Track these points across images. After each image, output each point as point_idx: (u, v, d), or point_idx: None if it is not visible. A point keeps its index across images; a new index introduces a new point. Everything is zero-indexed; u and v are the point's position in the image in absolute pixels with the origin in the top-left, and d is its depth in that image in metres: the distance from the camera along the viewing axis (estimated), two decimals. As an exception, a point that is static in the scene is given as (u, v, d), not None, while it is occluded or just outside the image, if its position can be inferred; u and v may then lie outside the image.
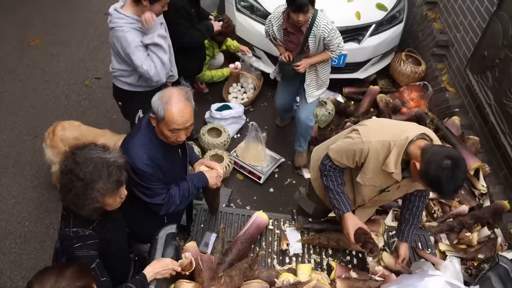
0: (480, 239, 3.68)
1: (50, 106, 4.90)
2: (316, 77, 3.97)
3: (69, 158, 2.02)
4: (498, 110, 3.83)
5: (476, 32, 4.37)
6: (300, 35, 3.68)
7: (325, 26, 3.58)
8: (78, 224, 2.10)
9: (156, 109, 2.33)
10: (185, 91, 2.40)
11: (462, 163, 2.18)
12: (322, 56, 3.79)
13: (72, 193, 1.98)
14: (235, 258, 2.79)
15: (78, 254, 2.06)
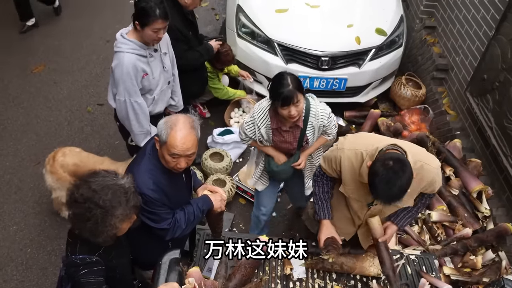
0: (485, 262, 3.65)
1: (53, 133, 4.92)
2: (310, 165, 3.44)
3: (84, 187, 2.01)
4: (499, 133, 3.85)
5: (475, 55, 4.43)
6: (296, 131, 3.07)
7: (323, 112, 3.04)
8: (85, 250, 2.10)
9: (160, 132, 2.34)
10: (192, 119, 2.40)
11: (405, 170, 2.20)
12: (319, 142, 3.26)
13: (91, 221, 1.99)
14: (238, 283, 2.76)
15: (84, 281, 2.05)
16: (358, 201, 2.74)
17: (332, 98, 5.04)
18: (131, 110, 3.22)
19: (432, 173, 2.49)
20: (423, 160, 2.46)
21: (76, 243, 2.11)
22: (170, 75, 3.44)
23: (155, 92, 3.35)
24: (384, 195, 2.27)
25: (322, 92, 4.92)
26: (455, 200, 3.91)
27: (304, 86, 4.73)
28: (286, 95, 2.73)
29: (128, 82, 3.11)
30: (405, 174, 2.20)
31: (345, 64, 4.80)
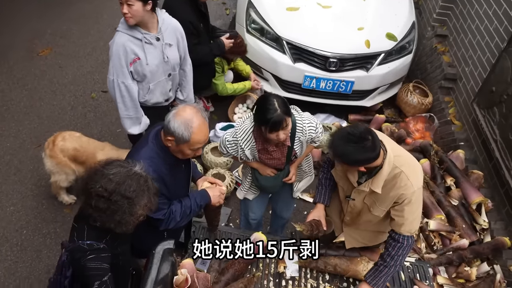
0: (479, 275, 3.63)
1: (56, 117, 4.92)
2: (300, 172, 3.28)
3: (104, 179, 2.01)
4: (503, 146, 3.82)
5: (485, 67, 4.39)
6: (284, 148, 2.93)
7: (311, 127, 2.87)
8: (92, 237, 2.10)
9: (179, 135, 2.34)
10: (199, 109, 2.43)
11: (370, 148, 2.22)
12: (307, 150, 3.11)
13: (118, 213, 2.01)
14: (231, 278, 2.75)
15: (90, 266, 2.05)
16: (342, 190, 2.77)
17: (338, 100, 5.02)
18: (118, 90, 3.20)
19: (407, 188, 2.41)
20: (404, 169, 2.42)
21: (83, 228, 2.11)
22: (171, 67, 3.38)
23: (151, 81, 3.31)
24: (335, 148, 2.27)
25: (328, 94, 4.90)
26: (454, 210, 3.89)
27: (310, 87, 4.77)
28: (275, 120, 2.57)
29: (116, 61, 3.10)
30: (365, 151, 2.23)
31: (353, 67, 4.77)
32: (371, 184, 2.47)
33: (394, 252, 2.56)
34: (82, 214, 2.13)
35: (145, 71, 3.22)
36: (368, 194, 2.56)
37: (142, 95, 3.35)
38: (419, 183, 2.48)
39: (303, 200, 4.43)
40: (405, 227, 2.51)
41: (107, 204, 1.99)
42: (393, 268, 2.61)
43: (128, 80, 3.18)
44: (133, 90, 3.24)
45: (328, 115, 5.30)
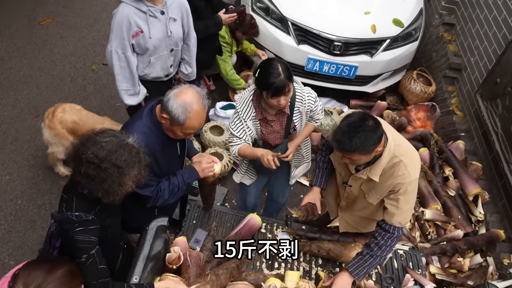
0: (472, 266, 3.64)
1: (55, 87, 4.87)
2: (298, 156, 3.25)
3: (96, 147, 1.99)
4: (504, 139, 3.79)
5: (490, 58, 4.34)
6: (283, 118, 2.88)
7: (310, 97, 2.85)
8: (81, 208, 2.07)
9: (175, 116, 2.31)
10: (202, 95, 2.39)
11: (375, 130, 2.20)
12: (307, 130, 3.06)
13: (107, 182, 1.98)
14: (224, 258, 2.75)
15: (78, 238, 2.03)
16: (340, 175, 2.75)
17: (340, 85, 4.97)
18: (117, 62, 3.15)
19: (404, 177, 2.39)
20: (403, 159, 2.39)
21: (72, 200, 2.08)
22: (174, 42, 3.32)
23: (152, 55, 3.25)
24: (341, 138, 2.22)
25: (330, 78, 4.85)
26: (450, 201, 3.88)
27: (313, 70, 4.72)
28: (277, 85, 2.55)
29: (118, 32, 3.05)
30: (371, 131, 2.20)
31: (357, 52, 4.71)
32: (369, 172, 2.45)
33: (382, 242, 2.53)
34: (71, 185, 2.11)
35: (148, 44, 3.16)
36: (365, 181, 2.54)
37: (142, 68, 3.30)
38: (416, 173, 2.45)
39: (300, 184, 4.42)
40: (397, 217, 2.49)
41: (96, 171, 1.96)
42: (378, 258, 2.56)
43: (128, 52, 3.13)
44: (133, 63, 3.19)
45: (330, 99, 5.25)
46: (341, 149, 2.28)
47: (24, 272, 1.76)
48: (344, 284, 2.59)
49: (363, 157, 2.30)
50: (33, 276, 1.74)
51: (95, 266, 2.05)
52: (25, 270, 1.78)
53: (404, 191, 2.43)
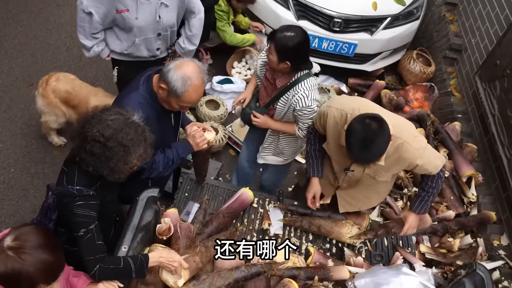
0: (462, 246, 3.66)
1: (50, 56, 4.81)
2: (275, 144, 3.24)
3: (101, 125, 1.98)
4: (500, 121, 3.78)
5: (491, 39, 4.29)
6: (274, 89, 2.93)
7: (303, 98, 2.76)
8: (83, 183, 2.06)
9: (173, 87, 2.29)
10: (202, 70, 2.38)
11: (382, 129, 2.19)
12: (286, 127, 3.03)
13: (113, 160, 1.98)
14: (214, 231, 2.76)
15: (78, 212, 2.02)
16: (338, 164, 2.74)
17: (339, 63, 4.93)
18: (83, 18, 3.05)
19: (412, 153, 2.40)
20: (405, 139, 2.38)
21: (73, 173, 2.07)
22: (163, 28, 3.21)
23: (137, 36, 3.17)
24: (360, 155, 2.27)
25: (329, 55, 4.81)
26: (444, 181, 3.87)
27: (312, 46, 4.65)
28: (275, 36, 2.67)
29: None
30: (381, 132, 2.19)
31: (357, 29, 4.66)
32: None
33: (434, 184, 2.65)
34: (73, 158, 2.09)
35: (132, 24, 3.09)
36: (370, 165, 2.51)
37: (126, 46, 3.24)
38: (421, 142, 2.48)
39: (295, 160, 4.40)
40: (433, 169, 2.54)
41: (102, 149, 1.96)
42: (433, 196, 2.74)
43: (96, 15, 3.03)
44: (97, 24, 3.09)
45: (328, 77, 5.22)
46: (359, 163, 2.45)
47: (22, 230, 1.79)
48: (415, 220, 2.83)
49: (383, 157, 2.33)
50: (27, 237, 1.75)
51: (93, 241, 2.04)
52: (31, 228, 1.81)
53: (421, 160, 2.45)
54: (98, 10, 3.01)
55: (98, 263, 2.02)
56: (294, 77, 2.81)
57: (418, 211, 2.79)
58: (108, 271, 2.05)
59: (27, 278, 1.72)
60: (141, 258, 2.14)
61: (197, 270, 2.40)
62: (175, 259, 2.21)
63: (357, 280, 2.68)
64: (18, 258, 1.70)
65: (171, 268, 2.22)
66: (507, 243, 3.63)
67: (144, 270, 2.13)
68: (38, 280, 1.75)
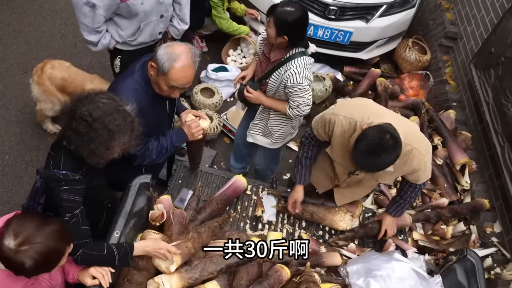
0: (455, 233, 3.69)
1: (44, 44, 4.79)
2: (265, 122, 3.25)
3: (92, 105, 1.97)
4: (494, 109, 3.78)
5: (487, 27, 4.28)
6: (268, 64, 2.97)
7: (294, 74, 2.78)
8: (69, 167, 2.05)
9: (160, 62, 2.28)
10: (193, 52, 2.35)
11: (395, 147, 2.17)
12: (278, 105, 3.04)
13: (94, 142, 1.96)
14: (207, 217, 2.78)
15: (63, 197, 2.02)
16: (341, 166, 2.71)
17: (334, 51, 4.91)
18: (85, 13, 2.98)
19: (420, 161, 2.41)
20: (414, 145, 2.37)
21: (59, 157, 2.06)
22: (165, 8, 3.22)
23: (142, 21, 3.16)
24: (362, 161, 2.25)
25: (324, 43, 4.78)
26: (437, 169, 3.89)
27: (307, 34, 4.61)
28: (275, 10, 2.69)
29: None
30: (392, 152, 2.17)
31: (352, 17, 4.63)
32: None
33: (413, 194, 2.71)
34: (60, 142, 2.09)
35: (138, 10, 3.06)
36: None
37: (129, 34, 3.22)
38: (428, 149, 2.49)
39: (289, 148, 4.42)
40: (422, 179, 2.56)
41: (87, 129, 1.95)
42: (411, 202, 2.80)
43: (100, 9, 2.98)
44: (100, 17, 3.04)
45: (323, 65, 5.20)
46: (362, 169, 2.37)
47: (17, 221, 1.78)
48: (392, 221, 2.92)
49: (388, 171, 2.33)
50: (24, 227, 1.75)
51: (78, 226, 2.05)
52: (19, 220, 1.79)
53: (424, 167, 2.46)
54: (102, 1, 2.96)
55: (82, 248, 2.03)
56: (289, 53, 2.83)
57: (394, 214, 2.88)
58: (91, 256, 2.06)
59: (53, 252, 1.78)
60: (125, 246, 2.15)
61: (190, 255, 2.41)
62: (161, 247, 2.22)
63: (349, 266, 2.72)
64: (33, 245, 1.72)
65: (158, 256, 2.24)
66: (500, 230, 3.66)
67: (128, 258, 2.15)
68: (60, 246, 1.81)
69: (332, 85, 4.83)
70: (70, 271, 2.13)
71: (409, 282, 2.56)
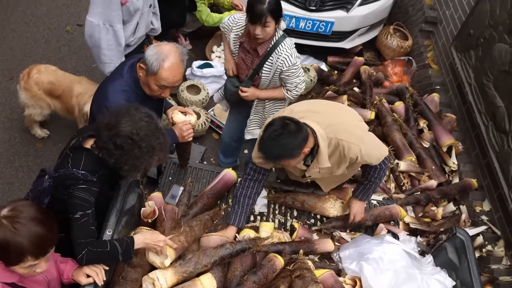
0: (445, 214, 3.75)
1: (29, 49, 4.77)
2: (261, 115, 3.28)
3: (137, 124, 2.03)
4: (477, 90, 3.84)
5: (465, 10, 4.34)
6: (256, 57, 2.96)
7: (287, 57, 2.86)
8: (88, 168, 2.11)
9: (149, 63, 2.32)
10: (181, 51, 2.40)
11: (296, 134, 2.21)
12: (275, 93, 3.09)
13: (139, 160, 2.05)
14: (199, 212, 2.80)
15: (78, 195, 2.06)
16: (292, 173, 2.81)
17: (317, 42, 4.95)
18: (104, 36, 2.98)
19: (355, 150, 2.42)
20: (340, 137, 2.40)
21: (80, 159, 2.12)
22: None
23: (137, 16, 3.14)
24: (265, 148, 2.29)
25: (307, 34, 4.82)
26: (424, 152, 3.95)
27: (289, 26, 4.67)
28: (256, 12, 2.65)
29: (107, 6, 2.87)
30: (292, 136, 2.22)
31: (333, 7, 4.67)
32: (318, 163, 2.46)
33: (376, 174, 2.68)
34: (81, 145, 2.14)
35: (135, 7, 3.04)
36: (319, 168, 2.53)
37: (129, 34, 3.18)
38: (361, 135, 2.49)
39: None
40: (375, 160, 2.56)
41: (133, 147, 2.02)
42: (377, 183, 2.77)
43: (117, 25, 2.97)
44: (121, 37, 3.04)
45: (307, 56, 5.24)
46: (267, 158, 2.33)
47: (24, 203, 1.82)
48: (360, 206, 2.89)
49: (291, 161, 2.32)
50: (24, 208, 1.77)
51: (87, 225, 2.08)
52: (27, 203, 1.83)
53: (365, 154, 2.45)
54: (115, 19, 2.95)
55: (87, 247, 2.05)
56: (273, 40, 2.87)
57: (360, 198, 2.86)
58: (96, 254, 2.08)
59: (16, 248, 1.73)
60: (127, 241, 2.17)
61: (183, 249, 2.44)
62: (161, 239, 2.25)
63: (342, 252, 2.76)
64: (11, 228, 1.72)
65: (157, 248, 2.26)
66: (489, 208, 3.73)
67: (131, 252, 2.17)
68: (27, 251, 1.75)
69: (316, 76, 4.87)
70: (65, 271, 2.15)
71: (401, 263, 2.61)
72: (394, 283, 2.49)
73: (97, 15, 2.94)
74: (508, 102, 3.43)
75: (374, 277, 2.51)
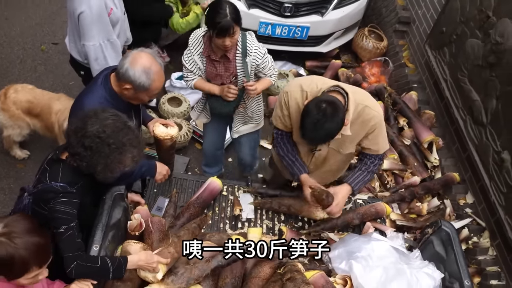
0: (430, 209, 3.79)
1: (4, 70, 4.72)
2: (243, 113, 3.31)
3: (103, 122, 2.02)
4: (453, 85, 3.92)
5: (436, 8, 4.43)
6: (227, 63, 2.99)
7: (257, 50, 2.95)
8: (66, 180, 2.08)
9: (137, 82, 2.33)
10: (154, 55, 2.42)
11: (335, 114, 2.24)
12: (265, 82, 3.14)
13: (110, 157, 2.02)
14: (186, 222, 2.78)
15: (60, 208, 2.04)
16: (303, 146, 2.77)
17: (294, 47, 5.00)
18: (109, 50, 3.05)
19: (375, 117, 2.48)
20: (366, 103, 2.46)
21: (57, 171, 2.09)
22: (122, 4, 3.22)
23: (118, 26, 3.16)
24: (310, 136, 2.34)
25: (284, 40, 4.86)
26: (406, 149, 4.00)
27: (266, 33, 4.71)
28: (223, 25, 2.68)
29: (101, 24, 2.93)
30: (334, 118, 2.24)
31: (308, 12, 4.73)
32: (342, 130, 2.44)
33: (372, 166, 2.73)
34: (57, 158, 2.13)
35: (116, 16, 3.08)
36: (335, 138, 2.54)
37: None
38: (380, 109, 2.59)
39: (261, 147, 4.46)
40: (380, 149, 2.65)
41: (101, 145, 2.00)
42: (371, 176, 2.80)
43: (113, 36, 3.04)
44: (119, 45, 3.12)
45: (285, 62, 5.28)
46: (313, 143, 2.50)
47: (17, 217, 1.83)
48: (345, 194, 2.76)
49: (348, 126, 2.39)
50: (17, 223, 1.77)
51: (73, 239, 2.06)
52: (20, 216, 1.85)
53: (379, 127, 2.53)
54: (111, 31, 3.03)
55: (76, 260, 2.02)
56: (238, 41, 2.92)
57: (354, 186, 2.75)
58: (85, 269, 2.05)
59: (21, 261, 1.73)
60: (119, 259, 2.15)
61: (174, 260, 2.42)
62: (154, 260, 2.24)
63: (331, 252, 2.77)
64: (10, 243, 1.71)
65: (150, 269, 2.25)
66: (473, 201, 3.79)
67: (122, 271, 2.15)
68: (32, 262, 1.76)
69: (296, 81, 4.90)
70: None
71: (389, 259, 2.62)
72: (384, 279, 2.50)
73: (95, 37, 2.98)
74: (484, 96, 3.50)
75: (364, 274, 2.52)
